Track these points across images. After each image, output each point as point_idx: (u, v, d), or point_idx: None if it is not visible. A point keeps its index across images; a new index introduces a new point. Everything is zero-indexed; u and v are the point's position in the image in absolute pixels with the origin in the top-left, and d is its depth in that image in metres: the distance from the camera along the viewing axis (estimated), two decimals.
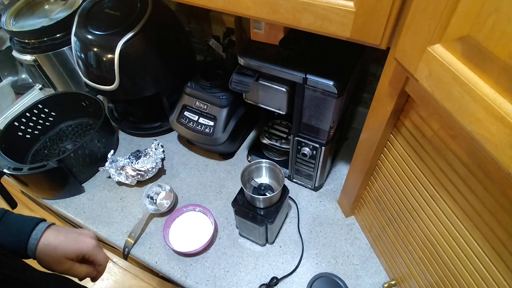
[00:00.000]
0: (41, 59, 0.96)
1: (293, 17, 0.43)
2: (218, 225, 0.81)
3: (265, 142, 0.87)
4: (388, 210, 0.64)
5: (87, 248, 0.54)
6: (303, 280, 0.72)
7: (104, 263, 0.57)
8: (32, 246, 0.50)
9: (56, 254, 0.51)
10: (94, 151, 0.89)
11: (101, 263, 0.56)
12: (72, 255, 0.53)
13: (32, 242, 0.50)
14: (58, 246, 0.52)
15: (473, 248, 0.44)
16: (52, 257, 0.51)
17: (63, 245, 0.52)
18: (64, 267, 0.52)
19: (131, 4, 0.81)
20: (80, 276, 0.54)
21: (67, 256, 0.52)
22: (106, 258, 0.58)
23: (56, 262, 0.51)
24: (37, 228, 0.52)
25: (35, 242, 0.50)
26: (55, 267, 0.51)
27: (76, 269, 0.53)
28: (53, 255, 0.51)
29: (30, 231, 0.51)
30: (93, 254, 0.55)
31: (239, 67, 0.67)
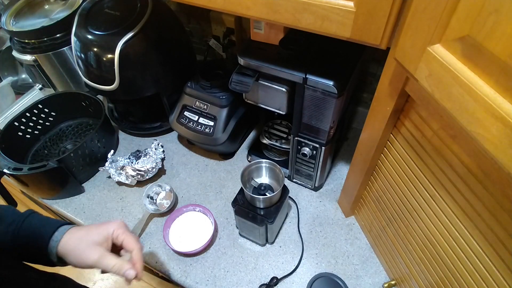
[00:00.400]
0: (41, 59, 0.96)
1: (293, 17, 0.43)
2: (218, 225, 0.81)
3: (265, 142, 0.87)
4: (388, 210, 0.64)
5: (113, 226, 0.51)
6: (303, 280, 0.72)
7: (136, 246, 0.52)
8: (53, 248, 0.48)
9: (82, 242, 0.49)
10: (94, 151, 0.89)
11: (132, 246, 0.52)
12: (100, 238, 0.49)
13: (53, 244, 0.48)
14: (82, 235, 0.49)
15: (473, 248, 0.44)
16: (79, 248, 0.48)
17: (88, 232, 0.49)
18: (94, 255, 0.48)
19: (131, 4, 0.81)
20: (113, 267, 0.49)
21: (95, 240, 0.49)
22: (139, 243, 0.53)
23: (85, 251, 0.48)
24: (59, 230, 0.49)
25: (56, 244, 0.48)
26: (85, 257, 0.48)
27: (109, 258, 0.49)
28: (80, 245, 0.48)
29: (52, 233, 0.49)
30: (121, 233, 0.51)
31: (239, 67, 0.67)
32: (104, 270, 0.49)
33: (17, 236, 0.48)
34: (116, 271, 0.49)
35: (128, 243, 0.52)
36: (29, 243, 0.48)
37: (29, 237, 0.48)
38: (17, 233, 0.48)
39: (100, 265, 0.48)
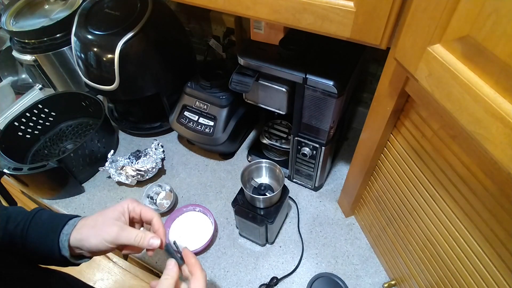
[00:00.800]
0: (41, 59, 0.96)
1: (293, 17, 0.43)
2: (218, 225, 0.81)
3: (265, 142, 0.87)
4: (388, 210, 0.64)
5: (126, 201, 0.50)
6: (303, 280, 0.72)
7: (154, 214, 0.50)
8: (65, 242, 0.46)
9: (98, 222, 0.47)
10: (94, 151, 0.89)
11: (151, 214, 0.50)
12: (116, 214, 0.48)
13: (64, 238, 0.46)
14: (97, 217, 0.47)
15: (473, 248, 0.44)
16: (95, 228, 0.46)
17: (102, 213, 0.48)
18: (113, 229, 0.46)
19: (131, 4, 0.81)
20: (135, 237, 0.46)
21: (111, 217, 0.47)
22: (155, 213, 0.51)
23: (103, 229, 0.46)
24: (69, 223, 0.48)
25: (67, 237, 0.46)
26: (105, 234, 0.45)
27: (129, 230, 0.47)
28: (96, 226, 0.47)
29: (62, 227, 0.47)
30: (136, 205, 0.50)
31: (239, 67, 0.67)
32: (126, 242, 0.46)
33: (26, 235, 0.47)
34: (140, 242, 0.47)
35: (146, 212, 0.50)
36: (39, 240, 0.47)
37: (38, 234, 0.47)
38: (26, 232, 0.47)
39: (121, 238, 0.46)
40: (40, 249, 0.47)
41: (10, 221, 0.47)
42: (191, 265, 0.48)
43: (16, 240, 0.46)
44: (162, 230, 0.50)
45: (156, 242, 0.47)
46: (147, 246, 0.47)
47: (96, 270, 1.52)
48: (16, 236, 0.46)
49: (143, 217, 0.51)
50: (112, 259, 1.56)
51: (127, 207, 0.50)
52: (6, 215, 0.48)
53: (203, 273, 0.47)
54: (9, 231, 0.46)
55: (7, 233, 0.46)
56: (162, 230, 0.50)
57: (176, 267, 0.47)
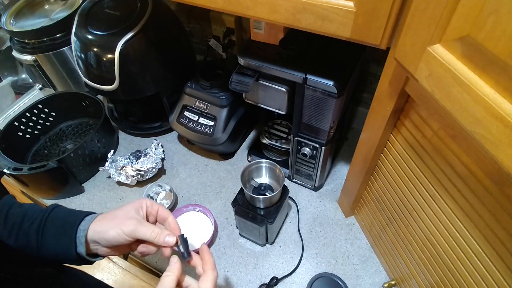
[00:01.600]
0: (41, 59, 0.96)
1: (293, 17, 0.43)
2: (218, 225, 0.81)
3: (265, 142, 0.87)
4: (388, 210, 0.64)
5: (145, 199, 0.51)
6: (303, 280, 0.72)
7: (170, 213, 0.51)
8: (81, 238, 0.46)
9: (117, 217, 0.47)
10: (94, 151, 0.89)
11: (167, 213, 0.51)
12: (133, 210, 0.48)
13: (81, 234, 0.46)
14: (116, 211, 0.48)
15: (473, 248, 0.44)
16: (113, 222, 0.46)
17: (120, 208, 0.48)
18: (131, 223, 0.46)
19: (131, 4, 0.81)
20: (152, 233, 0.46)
21: (129, 211, 0.48)
22: (170, 212, 0.52)
23: (121, 223, 0.46)
24: (86, 219, 0.48)
25: (84, 233, 0.46)
26: (123, 227, 0.45)
27: (147, 225, 0.47)
28: (114, 220, 0.47)
29: (79, 223, 0.47)
30: (154, 203, 0.51)
31: (239, 67, 0.67)
32: (143, 237, 0.47)
33: (43, 232, 0.46)
34: (156, 238, 0.47)
35: (163, 211, 0.51)
36: (56, 237, 0.47)
37: (55, 231, 0.47)
38: (42, 230, 0.47)
39: (139, 231, 0.46)
40: (56, 245, 0.47)
41: (25, 219, 0.47)
42: (205, 262, 0.48)
43: (32, 238, 0.46)
44: (177, 229, 0.51)
45: (172, 240, 0.48)
46: (163, 243, 0.47)
47: (96, 270, 1.52)
48: (32, 234, 0.46)
49: (159, 214, 0.51)
50: (112, 259, 1.56)
51: (145, 203, 0.50)
52: (22, 212, 0.48)
53: (214, 273, 0.47)
54: (24, 230, 0.46)
55: (22, 232, 0.46)
56: (177, 229, 0.51)
57: (179, 263, 0.46)
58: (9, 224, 0.47)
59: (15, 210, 0.48)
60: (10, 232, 0.46)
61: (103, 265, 1.54)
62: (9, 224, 0.47)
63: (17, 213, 0.48)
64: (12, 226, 0.47)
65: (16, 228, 0.46)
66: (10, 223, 0.47)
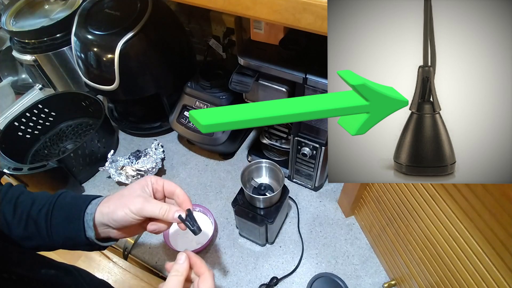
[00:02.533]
0: (41, 59, 0.96)
1: (293, 17, 0.43)
2: (218, 225, 0.81)
3: (265, 142, 0.87)
4: (388, 210, 0.64)
5: (150, 176, 0.49)
6: (303, 280, 0.72)
7: (177, 186, 0.50)
8: (89, 221, 0.46)
9: (124, 197, 0.46)
10: (94, 151, 0.89)
11: (174, 186, 0.50)
12: (139, 187, 0.47)
13: (89, 217, 0.46)
14: (122, 192, 0.47)
15: (473, 248, 0.44)
16: (121, 202, 0.46)
17: (126, 188, 0.47)
18: (139, 201, 0.45)
19: (131, 4, 0.81)
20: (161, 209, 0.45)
21: (136, 189, 0.47)
22: (177, 185, 0.51)
23: (129, 201, 0.45)
24: (92, 203, 0.47)
25: (91, 216, 0.45)
26: (131, 205, 0.45)
27: (154, 202, 0.46)
28: (121, 200, 0.46)
29: (86, 207, 0.46)
30: (159, 178, 0.50)
31: (239, 67, 0.67)
32: (151, 214, 0.46)
33: (51, 217, 0.46)
34: (165, 214, 0.46)
35: (169, 185, 0.50)
36: (64, 222, 0.47)
37: (63, 216, 0.47)
38: (50, 215, 0.46)
39: (146, 209, 0.45)
40: (65, 231, 0.46)
41: (34, 206, 0.47)
42: (197, 266, 0.46)
43: (41, 224, 0.46)
44: (187, 200, 0.49)
45: (182, 215, 0.47)
46: (172, 219, 0.46)
47: (96, 270, 1.51)
48: (41, 221, 0.46)
49: (165, 189, 0.50)
50: (112, 259, 1.55)
51: (150, 180, 0.49)
52: (31, 199, 0.48)
53: (211, 273, 0.46)
54: (33, 217, 0.46)
55: (31, 219, 0.46)
56: (187, 200, 0.49)
57: (187, 262, 0.45)
58: (18, 212, 0.47)
59: (24, 197, 0.48)
60: (19, 220, 0.46)
61: (103, 265, 1.53)
62: (19, 212, 0.47)
63: (26, 201, 0.48)
64: (21, 214, 0.46)
65: (25, 215, 0.46)
66: (19, 211, 0.47)
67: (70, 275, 0.50)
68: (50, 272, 0.47)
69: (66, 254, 1.51)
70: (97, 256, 1.52)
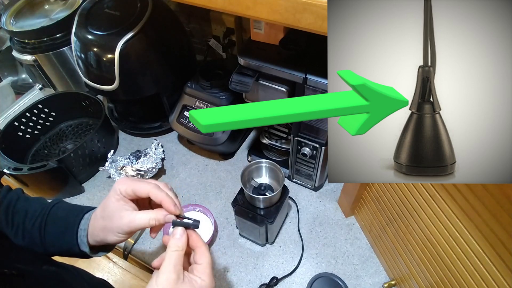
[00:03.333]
0: (41, 59, 0.96)
1: (293, 17, 0.43)
2: (218, 225, 0.81)
3: (265, 142, 0.87)
4: (388, 210, 0.64)
5: (118, 186, 0.45)
6: (303, 280, 0.72)
7: (148, 189, 0.44)
8: (83, 237, 0.45)
9: (106, 221, 0.44)
10: (94, 151, 0.89)
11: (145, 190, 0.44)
12: (116, 203, 0.44)
13: (82, 233, 0.45)
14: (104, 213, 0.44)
15: (473, 248, 0.44)
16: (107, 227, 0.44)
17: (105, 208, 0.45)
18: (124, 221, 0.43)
19: (131, 4, 0.81)
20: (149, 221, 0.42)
21: (114, 207, 0.44)
22: (149, 185, 0.45)
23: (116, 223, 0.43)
24: (85, 217, 0.46)
25: (85, 233, 0.45)
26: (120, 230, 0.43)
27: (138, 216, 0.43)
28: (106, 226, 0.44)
29: (78, 223, 0.46)
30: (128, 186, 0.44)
31: (239, 67, 0.67)
32: (142, 227, 0.43)
33: (44, 232, 0.46)
34: (155, 223, 0.43)
35: (140, 188, 0.43)
36: (58, 237, 0.46)
37: (56, 231, 0.47)
38: (43, 230, 0.46)
39: (135, 226, 0.42)
40: (59, 244, 0.46)
41: (27, 218, 0.47)
42: (193, 239, 0.43)
43: (35, 237, 0.46)
44: (166, 200, 0.43)
45: (171, 216, 0.43)
46: (164, 221, 0.43)
47: (96, 270, 1.51)
48: (35, 233, 0.46)
49: (138, 195, 0.44)
50: (112, 259, 1.55)
51: (119, 189, 0.44)
52: (25, 210, 0.47)
53: (206, 246, 0.43)
54: (28, 229, 0.46)
55: (26, 231, 0.47)
56: (166, 200, 0.43)
57: (185, 236, 0.42)
58: (15, 223, 0.47)
59: (20, 206, 0.48)
60: (16, 231, 0.47)
61: (103, 265, 1.53)
62: (15, 223, 0.47)
63: (21, 210, 0.48)
64: (17, 226, 0.47)
65: (21, 227, 0.47)
66: (15, 222, 0.47)
67: (71, 273, 0.51)
68: (51, 268, 0.47)
69: None
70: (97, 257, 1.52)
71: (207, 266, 0.41)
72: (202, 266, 0.41)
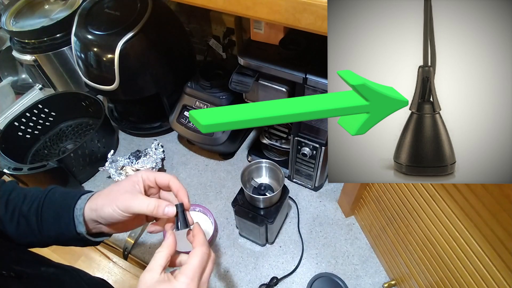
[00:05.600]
0: (41, 59, 0.96)
1: (293, 17, 0.43)
2: (218, 225, 0.81)
3: (265, 142, 0.87)
4: (388, 210, 0.64)
5: (141, 172, 0.47)
6: (303, 280, 0.72)
7: (170, 176, 0.47)
8: (79, 217, 0.45)
9: (112, 192, 0.45)
10: (94, 151, 0.89)
11: (167, 177, 0.47)
12: (129, 184, 0.46)
13: (78, 213, 0.45)
14: (111, 187, 0.45)
15: (473, 248, 0.44)
16: (109, 198, 0.44)
17: (116, 184, 0.46)
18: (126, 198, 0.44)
19: (131, 4, 0.81)
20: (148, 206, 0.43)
21: (125, 187, 0.45)
22: (171, 175, 0.48)
23: (117, 199, 0.44)
24: (82, 198, 0.47)
25: (81, 212, 0.45)
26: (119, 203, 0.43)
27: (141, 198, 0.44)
28: (110, 196, 0.45)
29: (75, 202, 0.46)
30: (150, 173, 0.48)
31: (239, 67, 0.67)
32: (139, 211, 0.44)
33: (41, 213, 0.46)
34: (154, 211, 0.43)
35: (161, 178, 0.47)
36: (54, 218, 0.46)
37: (52, 212, 0.46)
38: (40, 212, 0.46)
39: (133, 206, 0.43)
40: (56, 226, 0.46)
41: (25, 202, 0.47)
42: (194, 238, 0.45)
43: (31, 221, 0.46)
44: (182, 191, 0.46)
45: (172, 210, 0.45)
46: (162, 215, 0.44)
47: (96, 270, 1.51)
48: (31, 217, 0.46)
49: (159, 182, 0.47)
50: (112, 259, 1.56)
51: (141, 176, 0.47)
52: (22, 195, 0.48)
53: (202, 248, 0.43)
54: (24, 213, 0.46)
55: (22, 215, 0.46)
56: (182, 190, 0.46)
57: (172, 238, 0.43)
58: (10, 209, 0.46)
59: (16, 194, 0.48)
60: (11, 216, 0.46)
61: (103, 265, 1.54)
62: (10, 209, 0.46)
63: (17, 197, 0.47)
64: (13, 210, 0.46)
65: (17, 212, 0.46)
66: (11, 207, 0.47)
67: (69, 274, 0.50)
68: (50, 270, 0.46)
69: (66, 254, 1.51)
70: (97, 256, 1.52)
71: (191, 267, 0.41)
72: (185, 267, 0.41)
